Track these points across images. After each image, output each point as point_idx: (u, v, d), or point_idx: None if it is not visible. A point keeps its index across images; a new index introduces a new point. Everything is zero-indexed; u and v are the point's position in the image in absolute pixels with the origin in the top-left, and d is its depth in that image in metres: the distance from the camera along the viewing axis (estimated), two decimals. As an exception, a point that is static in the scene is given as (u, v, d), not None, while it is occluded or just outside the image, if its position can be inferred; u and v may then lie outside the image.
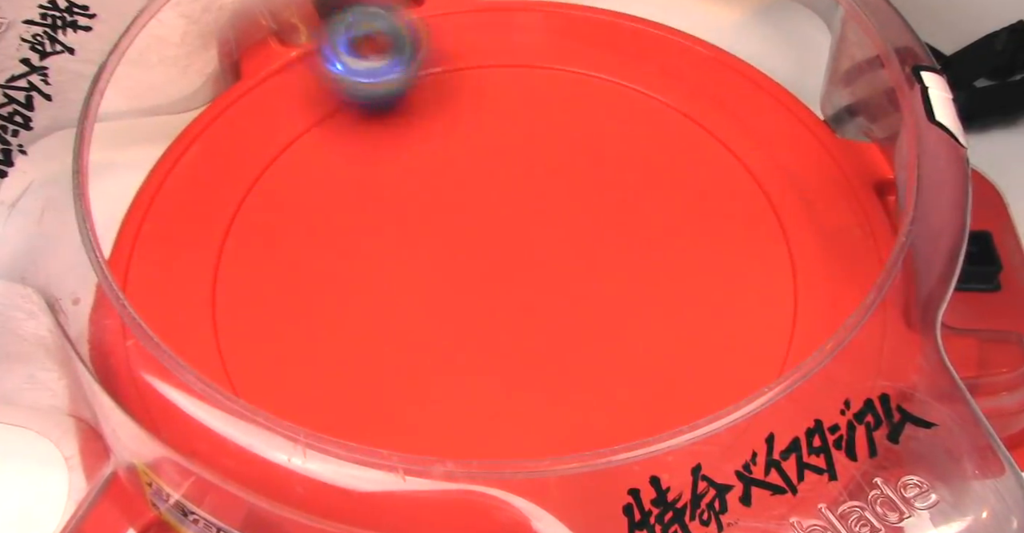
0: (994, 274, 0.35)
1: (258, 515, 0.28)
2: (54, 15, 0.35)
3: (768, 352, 0.32)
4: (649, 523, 0.26)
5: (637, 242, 0.34)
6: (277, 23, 0.39)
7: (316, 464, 0.28)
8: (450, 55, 0.39)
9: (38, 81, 0.35)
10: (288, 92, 0.38)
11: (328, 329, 0.33)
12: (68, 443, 0.32)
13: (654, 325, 0.33)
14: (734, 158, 0.36)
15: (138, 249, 0.34)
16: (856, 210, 0.35)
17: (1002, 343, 0.32)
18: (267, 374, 0.32)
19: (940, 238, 0.31)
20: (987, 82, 0.41)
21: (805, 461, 0.27)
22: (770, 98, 0.38)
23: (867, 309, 0.28)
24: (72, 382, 0.32)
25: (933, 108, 0.32)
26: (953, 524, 0.27)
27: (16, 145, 0.35)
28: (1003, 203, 0.37)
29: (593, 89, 0.38)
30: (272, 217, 0.35)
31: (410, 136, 0.37)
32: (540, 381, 0.32)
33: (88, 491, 0.31)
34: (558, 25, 0.40)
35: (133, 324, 0.29)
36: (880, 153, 0.36)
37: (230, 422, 0.29)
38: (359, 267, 0.34)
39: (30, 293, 0.33)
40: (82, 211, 0.31)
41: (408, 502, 0.28)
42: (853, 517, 0.27)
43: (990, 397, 0.31)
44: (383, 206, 0.35)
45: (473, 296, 0.33)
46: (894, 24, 0.34)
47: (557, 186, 0.36)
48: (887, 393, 0.28)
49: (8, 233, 0.36)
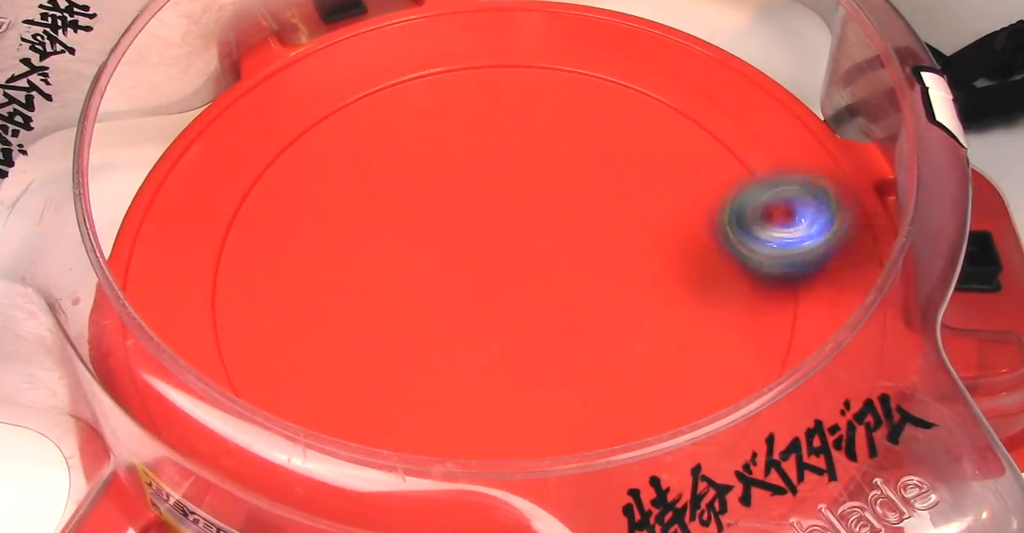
0: (994, 274, 0.35)
1: (258, 515, 0.28)
2: (54, 15, 0.35)
3: (768, 352, 0.32)
4: (649, 523, 0.27)
5: (637, 242, 0.34)
6: (277, 23, 0.39)
7: (316, 464, 0.28)
8: (450, 55, 0.39)
9: (38, 81, 0.35)
10: (288, 92, 0.38)
11: (328, 329, 0.33)
12: (68, 443, 0.32)
13: (654, 325, 0.33)
14: (734, 158, 0.36)
15: (138, 249, 0.34)
16: (856, 210, 0.35)
17: (1002, 343, 0.32)
18: (267, 374, 0.32)
19: (940, 238, 0.31)
20: (987, 82, 0.41)
21: (805, 461, 0.27)
22: (770, 98, 0.38)
23: (867, 309, 0.28)
24: (72, 382, 0.32)
25: (933, 108, 0.32)
26: (953, 524, 0.27)
27: (16, 145, 0.35)
28: (1003, 203, 0.37)
29: (593, 89, 0.38)
30: (272, 217, 0.35)
31: (410, 136, 0.37)
32: (540, 381, 0.32)
33: (88, 491, 0.31)
34: (558, 25, 0.40)
35: (133, 324, 0.29)
36: (880, 153, 0.36)
37: (230, 422, 0.29)
38: (359, 267, 0.34)
39: (30, 293, 0.33)
40: (82, 211, 0.31)
41: (408, 502, 0.28)
42: (853, 517, 0.27)
43: (990, 397, 0.31)
44: (383, 206, 0.35)
45: (473, 296, 0.33)
46: (894, 24, 0.34)
47: (557, 186, 0.36)
48: (887, 393, 0.28)
49: (8, 233, 0.36)
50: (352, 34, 0.40)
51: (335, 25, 0.40)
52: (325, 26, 0.40)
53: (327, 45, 0.39)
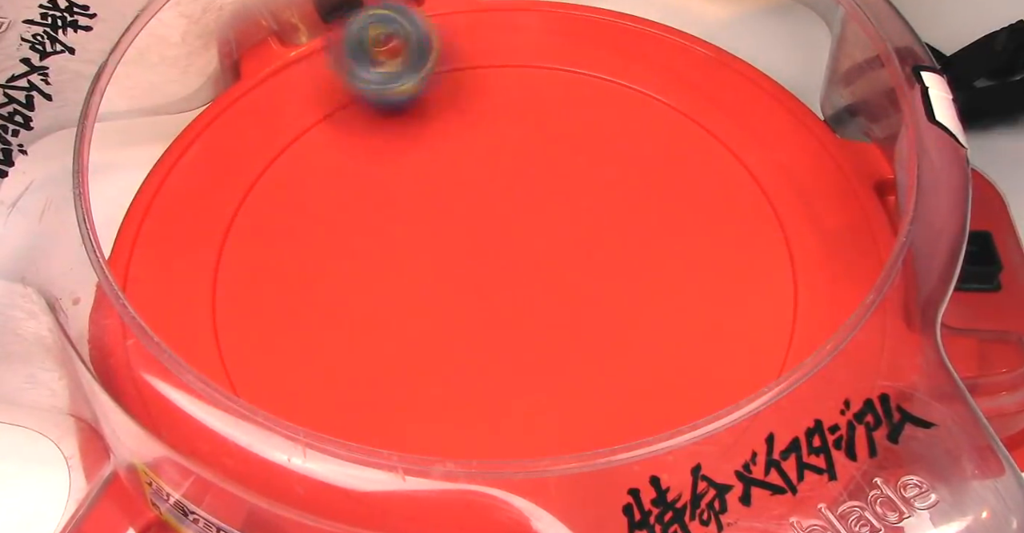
0: (994, 274, 0.35)
1: (258, 515, 0.28)
2: (54, 15, 0.35)
3: (768, 352, 0.32)
4: (649, 523, 0.27)
5: (636, 242, 0.34)
6: (277, 23, 0.39)
7: (316, 464, 0.28)
8: (450, 55, 0.39)
9: (38, 81, 0.35)
10: (288, 92, 0.38)
11: (328, 329, 0.33)
12: (68, 443, 0.32)
13: (654, 325, 0.33)
14: (734, 158, 0.36)
15: (138, 249, 0.34)
16: (856, 210, 0.35)
17: (1002, 343, 0.32)
18: (267, 374, 0.32)
19: (940, 238, 0.31)
20: (987, 82, 0.41)
21: (805, 461, 0.27)
22: (770, 98, 0.38)
23: (867, 309, 0.28)
24: (72, 382, 0.32)
25: (933, 108, 0.32)
26: (953, 524, 0.27)
27: (16, 145, 0.35)
28: (1003, 203, 0.37)
29: (593, 89, 0.38)
30: (272, 217, 0.35)
31: (410, 136, 0.37)
32: (540, 381, 0.32)
33: (88, 491, 0.31)
34: (558, 25, 0.40)
35: (133, 324, 0.29)
36: (880, 153, 0.36)
37: (230, 422, 0.29)
38: (358, 267, 0.34)
39: (30, 293, 0.33)
40: (82, 211, 0.31)
41: (408, 502, 0.28)
42: (853, 517, 0.27)
43: (990, 397, 0.31)
44: (383, 206, 0.35)
45: (472, 295, 0.33)
46: (894, 24, 0.34)
47: (557, 186, 0.36)
48: (887, 393, 0.28)
49: (8, 233, 0.36)
50: (352, 34, 0.40)
51: (335, 25, 0.40)
52: (325, 26, 0.40)
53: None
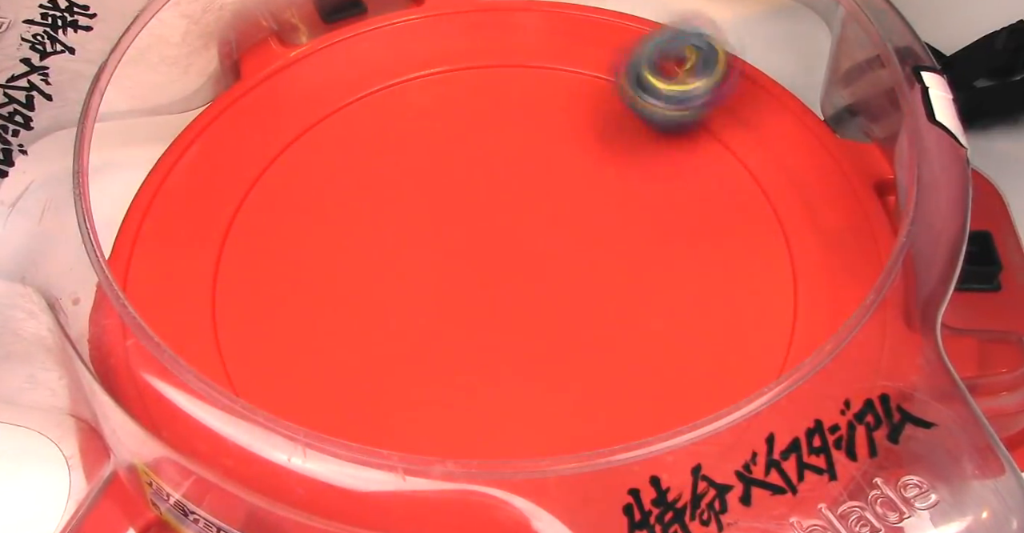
0: (994, 274, 0.35)
1: (258, 515, 0.28)
2: (54, 15, 0.35)
3: (768, 352, 0.32)
4: (649, 523, 0.27)
5: (637, 242, 0.34)
6: (277, 23, 0.39)
7: (316, 464, 0.28)
8: (450, 55, 0.39)
9: (38, 81, 0.35)
10: (288, 92, 0.38)
11: (328, 329, 0.33)
12: (68, 443, 0.32)
13: (654, 325, 0.33)
14: (734, 158, 0.36)
15: (138, 249, 0.34)
16: (856, 210, 0.35)
17: (1002, 343, 0.32)
18: (267, 374, 0.32)
19: (940, 238, 0.31)
20: (987, 82, 0.41)
21: (805, 461, 0.27)
22: (770, 98, 0.38)
23: (867, 309, 0.28)
24: (72, 382, 0.32)
25: (933, 108, 0.32)
26: (953, 524, 0.27)
27: (16, 145, 0.35)
28: (1003, 203, 0.37)
29: (593, 89, 0.38)
30: (272, 217, 0.35)
31: (410, 136, 0.37)
32: (540, 381, 0.32)
33: (88, 491, 0.31)
34: (558, 25, 0.40)
35: (133, 324, 0.29)
36: (880, 153, 0.36)
37: (230, 422, 0.29)
38: (359, 267, 0.34)
39: (30, 293, 0.33)
40: (82, 211, 0.31)
41: (408, 502, 0.28)
42: (853, 517, 0.27)
43: (990, 397, 0.31)
44: (383, 206, 0.35)
45: (473, 296, 0.33)
46: (894, 24, 0.34)
47: (556, 186, 0.36)
48: (887, 393, 0.28)
49: (8, 233, 0.36)
50: (352, 34, 0.40)
51: (335, 25, 0.40)
52: (325, 26, 0.40)
53: (327, 45, 0.39)
